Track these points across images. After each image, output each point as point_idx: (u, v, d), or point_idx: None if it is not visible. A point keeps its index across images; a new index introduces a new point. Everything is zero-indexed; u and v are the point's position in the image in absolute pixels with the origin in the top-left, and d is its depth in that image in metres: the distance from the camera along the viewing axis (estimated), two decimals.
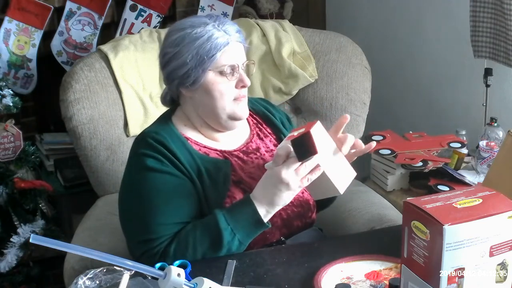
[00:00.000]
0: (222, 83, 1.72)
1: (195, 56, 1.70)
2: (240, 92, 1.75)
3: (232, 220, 1.62)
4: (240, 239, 1.62)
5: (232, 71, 1.73)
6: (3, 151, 2.57)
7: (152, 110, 2.41)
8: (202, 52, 1.69)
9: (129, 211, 1.72)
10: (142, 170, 1.70)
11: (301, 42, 2.64)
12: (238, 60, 1.74)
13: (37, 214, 2.63)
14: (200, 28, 1.70)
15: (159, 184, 1.67)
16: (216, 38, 1.69)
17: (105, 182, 2.38)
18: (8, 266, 2.53)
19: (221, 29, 1.71)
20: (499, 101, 2.66)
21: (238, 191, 1.75)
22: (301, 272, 1.53)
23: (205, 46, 1.69)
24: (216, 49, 1.69)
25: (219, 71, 1.71)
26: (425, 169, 2.42)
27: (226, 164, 1.75)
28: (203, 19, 1.73)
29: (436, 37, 2.95)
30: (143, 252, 1.64)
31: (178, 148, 1.72)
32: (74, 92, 2.35)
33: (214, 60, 1.70)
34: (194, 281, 1.30)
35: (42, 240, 1.20)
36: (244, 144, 1.83)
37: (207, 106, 1.75)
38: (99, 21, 2.95)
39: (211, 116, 1.76)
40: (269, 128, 1.91)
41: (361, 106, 2.58)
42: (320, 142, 1.56)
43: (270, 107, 1.97)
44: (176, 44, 1.72)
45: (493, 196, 1.26)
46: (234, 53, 1.73)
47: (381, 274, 1.51)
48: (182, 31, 1.72)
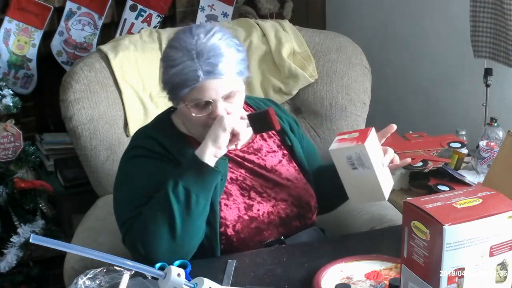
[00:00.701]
0: (193, 115, 1.66)
1: (168, 83, 1.67)
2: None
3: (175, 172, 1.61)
4: (185, 185, 1.58)
5: (207, 105, 1.65)
6: (3, 151, 2.57)
7: (152, 110, 2.41)
8: (173, 83, 1.65)
9: (115, 198, 1.75)
10: (129, 159, 1.74)
11: (301, 42, 2.64)
12: (215, 95, 1.63)
13: (37, 214, 2.63)
14: (179, 54, 1.63)
15: (142, 167, 1.69)
16: (186, 73, 1.61)
17: (105, 182, 2.38)
18: (8, 266, 2.54)
19: (197, 62, 1.60)
20: (499, 101, 2.66)
21: (235, 188, 1.75)
22: (301, 272, 1.53)
23: (176, 77, 1.63)
24: (184, 85, 1.62)
25: (190, 102, 1.65)
26: (425, 169, 2.42)
27: (224, 160, 1.74)
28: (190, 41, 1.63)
29: (436, 37, 2.95)
30: (124, 232, 1.65)
31: (172, 143, 1.73)
32: (74, 92, 2.35)
33: (184, 94, 1.64)
34: (194, 281, 1.30)
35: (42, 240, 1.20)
36: (245, 144, 1.83)
37: (188, 125, 1.75)
38: (99, 21, 2.95)
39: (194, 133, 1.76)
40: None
41: (361, 106, 2.58)
42: (374, 148, 1.60)
43: (277, 109, 1.94)
44: (163, 60, 1.70)
45: (493, 196, 1.26)
46: (208, 89, 1.62)
47: (381, 274, 1.51)
48: (169, 48, 1.68)
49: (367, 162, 1.57)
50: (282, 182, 1.81)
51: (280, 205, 1.78)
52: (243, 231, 1.71)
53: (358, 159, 1.57)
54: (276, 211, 1.76)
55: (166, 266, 1.30)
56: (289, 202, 1.79)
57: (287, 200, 1.79)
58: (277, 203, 1.78)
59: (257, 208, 1.75)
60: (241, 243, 1.71)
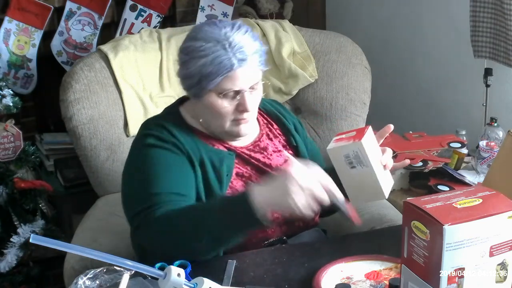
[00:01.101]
0: (221, 106, 1.68)
1: (197, 74, 1.66)
2: (241, 115, 1.70)
3: (221, 204, 1.58)
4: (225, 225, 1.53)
5: (235, 95, 1.68)
6: (3, 151, 2.57)
7: (152, 110, 2.41)
8: (204, 73, 1.65)
9: (128, 187, 1.73)
10: (142, 148, 1.71)
11: (301, 42, 2.64)
12: (244, 85, 1.66)
13: (37, 214, 2.63)
14: (209, 45, 1.64)
15: (157, 157, 1.68)
16: (220, 62, 1.63)
17: (105, 182, 2.38)
18: (8, 266, 2.53)
19: (230, 51, 1.63)
20: (499, 101, 2.66)
21: (241, 184, 1.75)
22: (301, 272, 1.53)
23: (207, 67, 1.64)
24: (217, 74, 1.64)
25: (219, 94, 1.67)
26: (425, 169, 2.42)
27: (231, 156, 1.75)
28: (218, 33, 1.65)
29: (436, 37, 2.95)
30: (138, 224, 1.62)
31: (182, 135, 1.73)
32: (74, 92, 2.35)
33: (215, 84, 1.65)
34: (194, 281, 1.30)
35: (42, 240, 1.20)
36: (252, 143, 1.83)
37: (208, 119, 1.75)
38: (99, 21, 2.95)
39: (211, 127, 1.77)
40: (279, 129, 1.91)
41: (361, 106, 2.58)
42: (371, 146, 1.59)
43: (282, 110, 1.96)
44: (186, 53, 1.69)
45: (493, 196, 1.26)
46: (239, 78, 1.66)
47: (381, 274, 1.51)
48: (194, 41, 1.68)
49: (365, 160, 1.57)
50: None
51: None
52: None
53: (356, 157, 1.57)
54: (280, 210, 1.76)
55: (166, 266, 1.30)
56: None
57: None
58: None
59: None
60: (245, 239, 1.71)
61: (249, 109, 1.69)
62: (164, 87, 2.47)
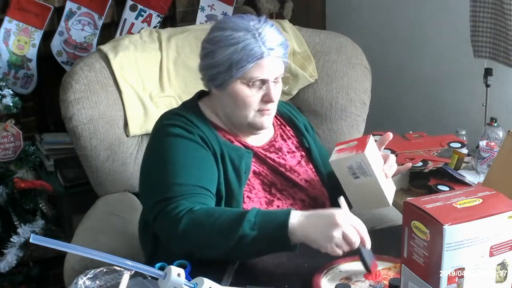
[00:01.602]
0: (247, 94, 1.71)
1: (226, 61, 1.68)
2: (265, 105, 1.73)
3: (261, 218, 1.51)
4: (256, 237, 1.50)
5: (261, 84, 1.71)
6: (3, 151, 2.57)
7: (152, 110, 2.41)
8: (234, 60, 1.67)
9: (150, 175, 1.71)
10: (167, 137, 1.70)
11: (301, 42, 2.64)
12: (271, 74, 1.70)
13: (37, 214, 2.63)
14: (239, 34, 1.67)
15: (182, 148, 1.67)
16: (251, 49, 1.66)
17: (105, 182, 2.38)
18: (8, 266, 2.53)
19: (260, 40, 1.67)
20: (499, 101, 2.66)
21: (258, 182, 1.76)
22: (301, 272, 1.53)
23: (237, 55, 1.66)
24: (247, 61, 1.67)
25: (247, 82, 1.69)
26: (425, 169, 2.42)
27: (249, 153, 1.76)
28: (247, 24, 1.69)
29: (436, 37, 2.95)
30: (158, 211, 1.60)
31: (204, 127, 1.73)
32: (74, 92, 2.35)
33: (244, 71, 1.68)
34: (194, 281, 1.30)
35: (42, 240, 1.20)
36: (267, 143, 1.84)
37: (231, 109, 1.75)
38: (99, 21, 2.95)
39: (233, 119, 1.77)
40: (292, 131, 1.92)
41: (361, 106, 2.58)
42: (374, 156, 1.60)
43: (294, 111, 1.98)
44: (213, 43, 1.71)
45: (493, 196, 1.26)
46: (267, 67, 1.69)
47: (380, 274, 1.51)
48: (222, 31, 1.70)
49: (368, 170, 1.58)
50: (300, 183, 1.83)
51: (298, 205, 1.79)
52: None
53: (360, 167, 1.58)
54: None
55: (166, 266, 1.30)
56: (306, 202, 1.81)
57: (304, 201, 1.81)
58: (295, 202, 1.79)
59: (277, 204, 1.76)
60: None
61: (273, 99, 1.72)
62: (164, 87, 2.47)
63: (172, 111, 1.80)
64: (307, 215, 1.50)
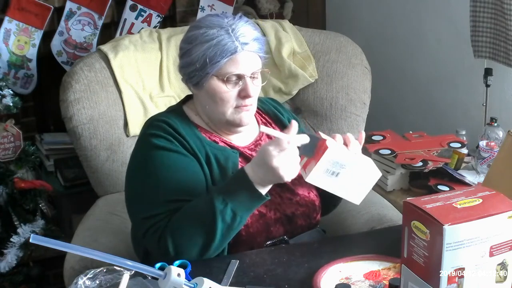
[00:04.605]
0: (224, 90, 1.71)
1: (201, 58, 1.69)
2: (243, 101, 1.72)
3: (223, 189, 1.60)
4: (233, 208, 1.57)
5: (238, 79, 1.71)
6: (3, 151, 2.57)
7: (152, 110, 2.41)
8: (208, 56, 1.68)
9: (135, 189, 1.73)
10: (150, 149, 1.71)
11: (301, 42, 2.64)
12: (246, 69, 1.70)
13: (37, 214, 2.63)
14: (213, 30, 1.69)
15: (166, 161, 1.68)
16: (224, 44, 1.67)
17: (105, 182, 2.38)
18: (8, 266, 2.54)
19: (233, 35, 1.68)
20: (499, 101, 2.66)
21: None
22: (301, 272, 1.53)
23: (211, 50, 1.67)
24: (221, 56, 1.67)
25: (222, 78, 1.70)
26: (425, 169, 2.42)
27: (235, 153, 1.76)
28: (222, 21, 1.71)
29: (436, 37, 2.95)
30: (147, 229, 1.63)
31: (187, 132, 1.74)
32: (74, 92, 2.35)
33: (218, 67, 1.69)
34: (194, 281, 1.30)
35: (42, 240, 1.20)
36: (253, 142, 1.84)
37: (210, 107, 1.76)
38: (99, 21, 2.95)
39: (213, 117, 1.78)
40: (278, 128, 1.91)
41: (361, 106, 2.58)
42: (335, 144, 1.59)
43: (279, 107, 1.98)
44: (189, 42, 1.73)
45: (493, 196, 1.26)
46: (242, 62, 1.70)
47: (380, 274, 1.51)
48: (198, 29, 1.72)
49: (343, 159, 1.56)
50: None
51: (287, 203, 1.79)
52: (252, 226, 1.71)
53: (335, 164, 1.56)
54: (282, 209, 1.77)
55: (166, 266, 1.30)
56: (295, 201, 1.80)
57: (293, 199, 1.80)
58: (284, 201, 1.79)
59: (266, 204, 1.76)
60: (250, 237, 1.71)
61: (251, 94, 1.71)
62: (164, 87, 2.48)
63: (157, 117, 1.80)
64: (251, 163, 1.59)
